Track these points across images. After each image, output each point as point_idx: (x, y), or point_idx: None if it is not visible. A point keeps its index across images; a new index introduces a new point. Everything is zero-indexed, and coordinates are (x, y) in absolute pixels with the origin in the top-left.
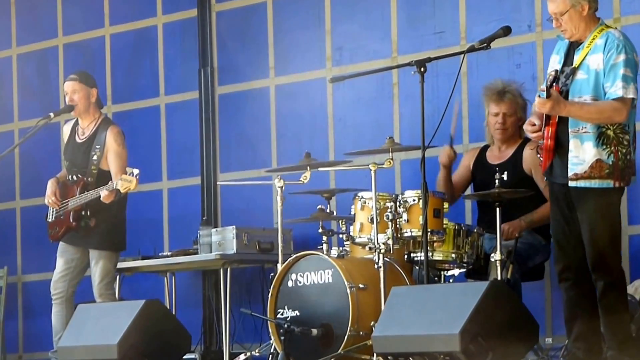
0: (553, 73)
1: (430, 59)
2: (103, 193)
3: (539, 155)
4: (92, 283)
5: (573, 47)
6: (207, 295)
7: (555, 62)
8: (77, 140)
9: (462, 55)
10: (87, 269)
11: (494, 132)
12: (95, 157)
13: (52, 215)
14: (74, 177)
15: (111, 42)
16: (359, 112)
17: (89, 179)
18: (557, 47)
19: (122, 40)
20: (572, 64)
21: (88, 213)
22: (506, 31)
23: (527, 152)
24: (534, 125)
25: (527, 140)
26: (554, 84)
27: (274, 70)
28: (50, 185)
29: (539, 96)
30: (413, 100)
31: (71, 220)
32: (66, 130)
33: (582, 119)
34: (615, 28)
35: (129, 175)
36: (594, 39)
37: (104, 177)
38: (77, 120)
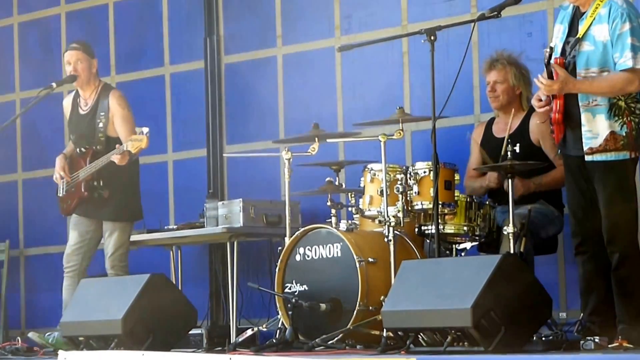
0: (548, 50)
1: (440, 27)
2: (115, 157)
3: (551, 128)
4: (104, 255)
5: (577, 16)
6: (213, 270)
7: (560, 32)
8: (80, 112)
9: (473, 23)
10: (101, 242)
11: (489, 100)
12: (101, 125)
13: (63, 189)
14: (82, 149)
15: (115, 10)
16: (368, 82)
17: (98, 147)
18: (560, 17)
19: (125, 8)
20: (576, 34)
21: (101, 183)
22: None
23: (534, 123)
24: (541, 100)
25: (532, 110)
26: (550, 62)
27: (282, 39)
28: (59, 161)
29: (540, 81)
30: (423, 69)
31: (83, 190)
32: (67, 104)
33: (594, 94)
34: None
35: (139, 134)
36: (597, 7)
37: (112, 144)
38: (76, 92)
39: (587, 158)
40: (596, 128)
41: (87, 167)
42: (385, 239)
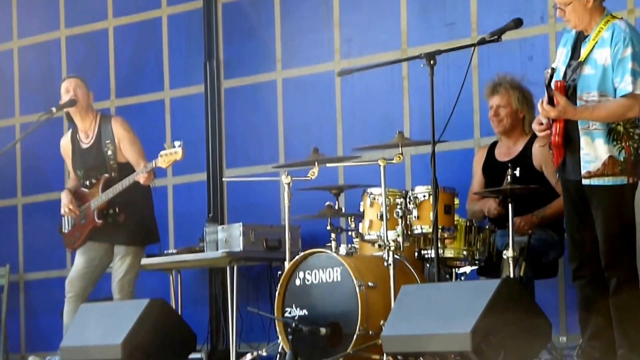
0: (549, 71)
1: (440, 52)
2: (140, 177)
3: (551, 151)
4: (112, 278)
5: (580, 39)
6: (213, 294)
7: (563, 55)
8: (83, 146)
9: (473, 47)
10: (108, 267)
11: (492, 124)
12: (110, 153)
13: (69, 225)
14: (92, 181)
15: (114, 35)
16: (368, 106)
17: (113, 174)
18: (563, 40)
19: (125, 33)
20: (579, 57)
21: (117, 210)
22: (517, 23)
23: (537, 148)
24: (542, 124)
25: (535, 135)
26: (551, 83)
27: (281, 63)
28: (65, 197)
29: (542, 104)
30: (423, 93)
31: (96, 219)
32: (65, 143)
33: (593, 120)
34: (622, 18)
35: (172, 147)
36: (600, 31)
37: (125, 169)
38: (73, 129)
39: (585, 182)
40: (595, 152)
41: (102, 195)
42: (385, 263)
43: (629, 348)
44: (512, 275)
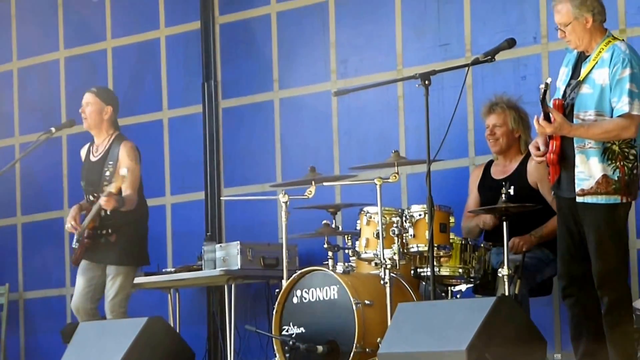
0: (543, 86)
1: (434, 72)
2: (102, 200)
3: (547, 169)
4: (104, 298)
5: (581, 59)
6: (211, 312)
7: (564, 75)
8: (92, 158)
9: (467, 67)
10: None
11: (488, 144)
12: (107, 173)
13: (76, 240)
14: (91, 197)
15: (113, 55)
16: (364, 125)
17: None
18: (566, 60)
19: (124, 54)
20: (578, 77)
21: (109, 230)
22: (511, 43)
23: (532, 166)
24: (539, 149)
25: (530, 153)
26: (546, 98)
27: (278, 83)
28: (71, 211)
29: (538, 121)
30: (418, 113)
31: (86, 238)
32: (83, 153)
33: (589, 138)
34: (622, 40)
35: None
36: (600, 51)
37: (117, 193)
38: (92, 141)
39: (579, 199)
40: (589, 170)
41: (87, 217)
42: (382, 282)
43: None
44: (507, 293)
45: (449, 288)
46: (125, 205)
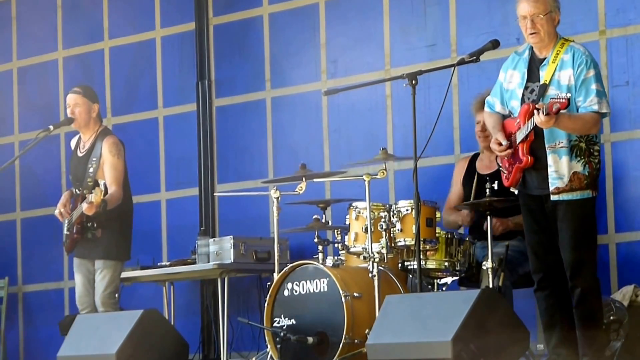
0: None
1: (421, 72)
2: (84, 205)
3: (501, 169)
4: (95, 293)
5: (535, 63)
6: (205, 305)
7: (518, 78)
8: (79, 153)
9: (453, 68)
10: None
11: (478, 140)
12: (91, 170)
13: (66, 227)
14: (77, 191)
15: (110, 55)
16: (353, 124)
17: (86, 192)
18: (512, 62)
19: (121, 54)
20: (538, 80)
21: (95, 225)
22: (495, 44)
23: None
24: (501, 144)
25: None
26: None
27: (270, 83)
28: (63, 197)
29: (537, 113)
30: (406, 111)
31: (75, 233)
32: (73, 144)
33: (567, 129)
34: (573, 41)
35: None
36: (557, 53)
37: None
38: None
39: (553, 197)
40: (562, 169)
41: (75, 211)
42: (370, 275)
43: (592, 356)
44: (491, 286)
45: (435, 281)
46: (111, 204)
